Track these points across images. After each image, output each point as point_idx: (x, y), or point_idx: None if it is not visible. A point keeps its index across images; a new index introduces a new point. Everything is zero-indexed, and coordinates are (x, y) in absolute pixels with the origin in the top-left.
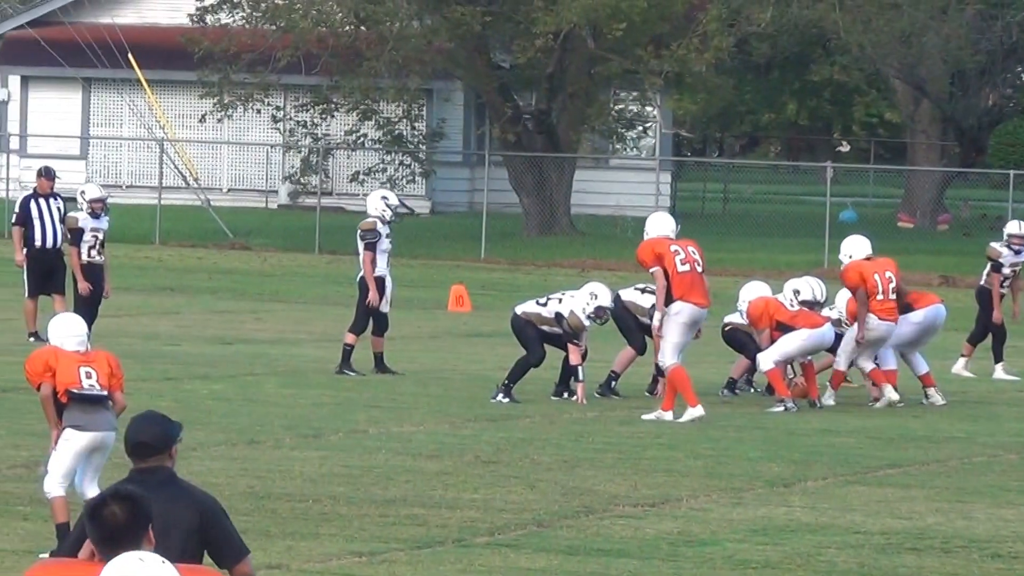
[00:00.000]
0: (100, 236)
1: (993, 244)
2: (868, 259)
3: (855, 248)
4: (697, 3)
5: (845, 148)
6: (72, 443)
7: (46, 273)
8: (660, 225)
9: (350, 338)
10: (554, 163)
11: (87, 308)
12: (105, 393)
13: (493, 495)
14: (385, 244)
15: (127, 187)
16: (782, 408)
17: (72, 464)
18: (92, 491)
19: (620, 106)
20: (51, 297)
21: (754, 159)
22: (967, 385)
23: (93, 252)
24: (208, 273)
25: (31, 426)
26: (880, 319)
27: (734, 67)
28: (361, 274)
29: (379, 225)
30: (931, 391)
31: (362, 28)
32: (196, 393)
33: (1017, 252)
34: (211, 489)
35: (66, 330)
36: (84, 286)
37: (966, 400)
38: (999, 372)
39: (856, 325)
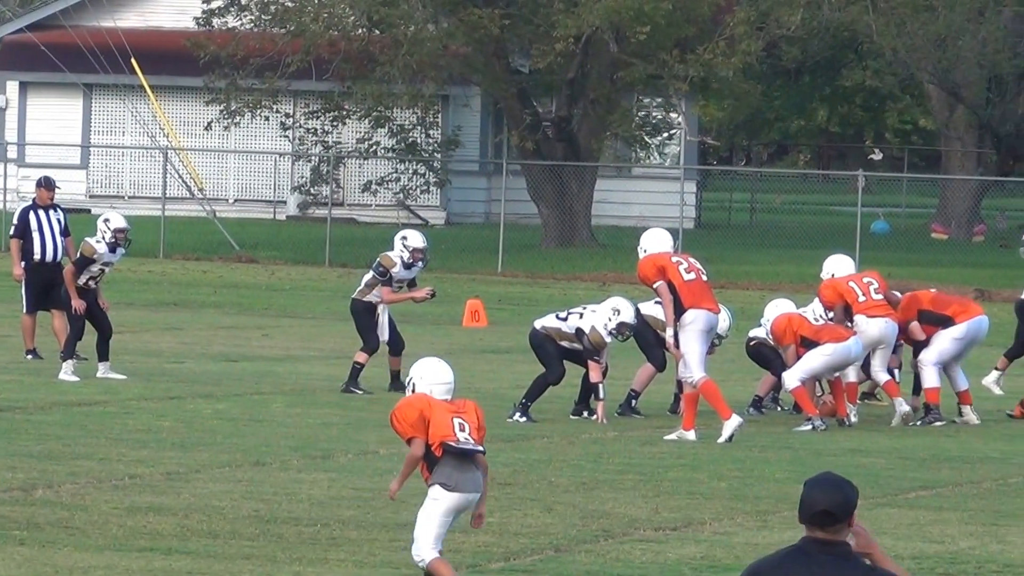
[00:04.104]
0: (107, 271)
1: None
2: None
3: (837, 266)
4: (724, 5)
5: (877, 156)
6: (440, 503)
7: (45, 287)
8: (659, 241)
9: (361, 357)
10: (574, 172)
11: (96, 323)
12: (481, 448)
13: (509, 518)
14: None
15: (129, 198)
16: (810, 427)
17: (441, 526)
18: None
19: (643, 112)
20: (50, 313)
21: (783, 167)
22: (1003, 403)
23: (91, 281)
24: (213, 287)
25: (27, 447)
26: (868, 316)
27: (762, 72)
28: (354, 296)
29: (399, 268)
30: (966, 409)
31: (375, 32)
32: (200, 413)
33: None
34: (214, 513)
35: (435, 377)
36: (80, 304)
37: (1002, 419)
38: None
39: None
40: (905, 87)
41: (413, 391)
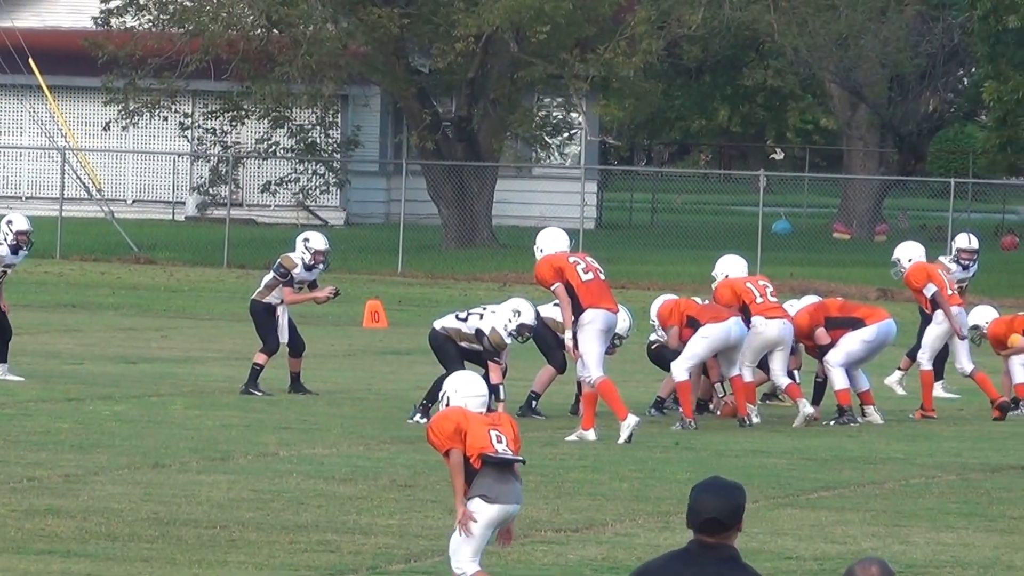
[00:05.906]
0: (9, 272)
1: (940, 258)
2: None
3: (730, 267)
4: (625, 4)
5: (779, 156)
6: (480, 516)
7: None
8: (555, 241)
9: (260, 358)
10: (475, 172)
11: None
12: (521, 458)
13: (409, 520)
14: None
15: (27, 198)
16: (679, 427)
17: (482, 539)
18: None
19: (544, 112)
20: None
21: (684, 167)
22: (904, 403)
23: None
24: (111, 289)
25: None
26: (767, 318)
27: (663, 71)
28: (253, 297)
29: (300, 269)
30: (870, 409)
31: (274, 31)
32: (98, 414)
33: (965, 267)
34: (113, 516)
35: (470, 389)
36: None
37: (904, 419)
38: (938, 390)
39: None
40: (807, 86)
41: (448, 405)
